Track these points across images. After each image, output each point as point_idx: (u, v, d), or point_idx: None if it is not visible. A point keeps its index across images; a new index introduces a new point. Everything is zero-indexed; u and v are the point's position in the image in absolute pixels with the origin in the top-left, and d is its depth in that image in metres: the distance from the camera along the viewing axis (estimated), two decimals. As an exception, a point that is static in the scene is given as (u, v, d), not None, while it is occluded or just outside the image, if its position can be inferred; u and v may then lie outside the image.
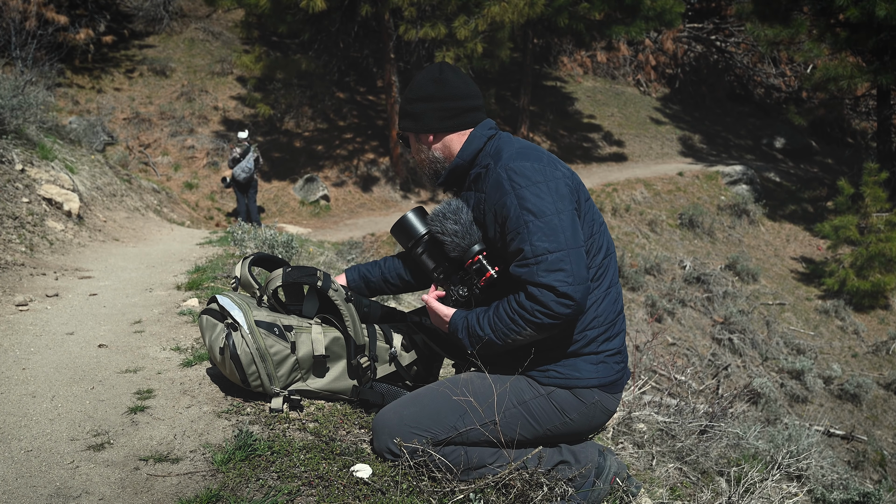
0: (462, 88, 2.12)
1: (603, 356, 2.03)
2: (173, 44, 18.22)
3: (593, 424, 2.09)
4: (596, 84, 22.75)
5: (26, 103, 7.35)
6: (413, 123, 2.17)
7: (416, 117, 2.15)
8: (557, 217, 1.87)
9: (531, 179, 1.90)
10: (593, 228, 2.03)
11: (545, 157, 2.01)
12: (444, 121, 2.12)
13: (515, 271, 1.88)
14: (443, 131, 2.14)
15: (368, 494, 1.86)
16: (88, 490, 1.86)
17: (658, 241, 14.46)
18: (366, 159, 16.08)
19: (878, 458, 9.13)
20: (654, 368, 7.73)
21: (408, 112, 2.17)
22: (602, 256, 2.04)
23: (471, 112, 2.13)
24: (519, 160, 1.95)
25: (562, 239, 1.85)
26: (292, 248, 5.55)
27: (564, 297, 1.81)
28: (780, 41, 16.87)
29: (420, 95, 2.13)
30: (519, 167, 1.93)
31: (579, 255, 1.86)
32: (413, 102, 2.14)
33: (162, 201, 10.89)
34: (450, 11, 13.43)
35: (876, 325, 13.27)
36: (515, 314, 1.88)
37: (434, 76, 2.12)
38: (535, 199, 1.88)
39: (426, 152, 2.19)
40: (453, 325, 2.07)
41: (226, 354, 2.23)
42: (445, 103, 2.11)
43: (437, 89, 2.11)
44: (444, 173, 2.17)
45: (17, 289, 4.14)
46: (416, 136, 2.20)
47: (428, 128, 2.14)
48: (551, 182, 1.91)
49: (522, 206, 1.88)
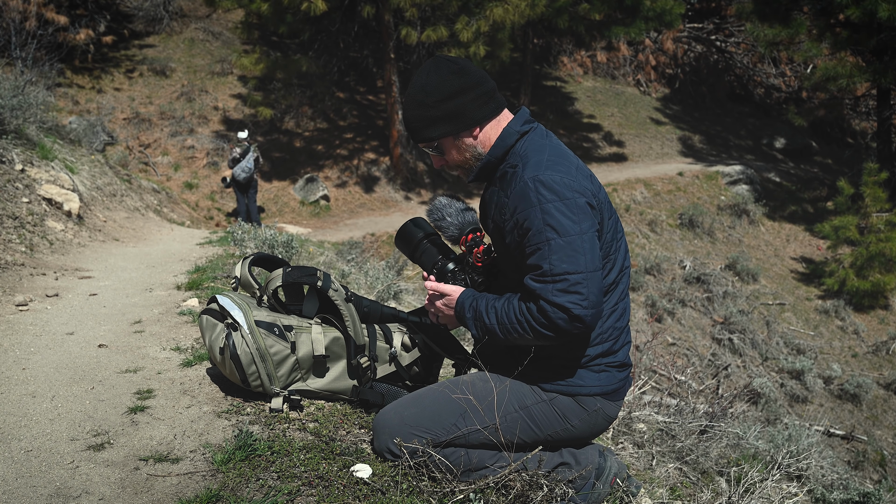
0: (479, 71, 2.03)
1: (605, 365, 2.03)
2: (173, 44, 18.22)
3: (594, 431, 2.09)
4: (596, 84, 22.75)
5: (26, 103, 7.35)
6: (453, 124, 2.00)
7: (455, 116, 1.99)
8: (580, 238, 1.83)
9: (559, 195, 1.84)
10: (612, 247, 1.99)
11: (573, 167, 1.93)
12: (484, 107, 2.01)
13: (530, 284, 1.85)
14: (486, 119, 2.02)
15: (368, 494, 1.86)
16: (88, 490, 1.86)
17: (658, 241, 14.46)
18: (366, 159, 16.08)
19: (878, 458, 9.13)
20: (654, 368, 7.73)
21: (437, 117, 1.99)
22: (616, 273, 2.02)
23: (496, 91, 2.06)
24: (549, 171, 1.87)
25: (581, 262, 1.81)
26: (292, 248, 5.55)
27: (576, 320, 1.80)
28: (779, 41, 16.87)
29: (448, 93, 1.97)
30: (548, 179, 1.86)
31: (596, 279, 1.83)
32: (441, 104, 1.98)
33: (162, 201, 10.90)
34: (451, 13, 13.42)
35: (876, 325, 13.28)
36: (523, 318, 1.87)
37: (450, 69, 1.99)
38: (560, 216, 1.83)
39: (471, 149, 2.04)
40: (460, 303, 2.03)
41: (226, 354, 2.23)
42: (478, 90, 1.99)
43: (464, 80, 1.98)
44: (476, 170, 2.06)
45: (17, 289, 4.14)
46: (454, 137, 2.03)
47: (473, 120, 2.00)
48: (579, 199, 1.85)
49: (546, 221, 1.83)
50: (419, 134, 2.04)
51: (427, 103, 1.98)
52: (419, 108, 2.00)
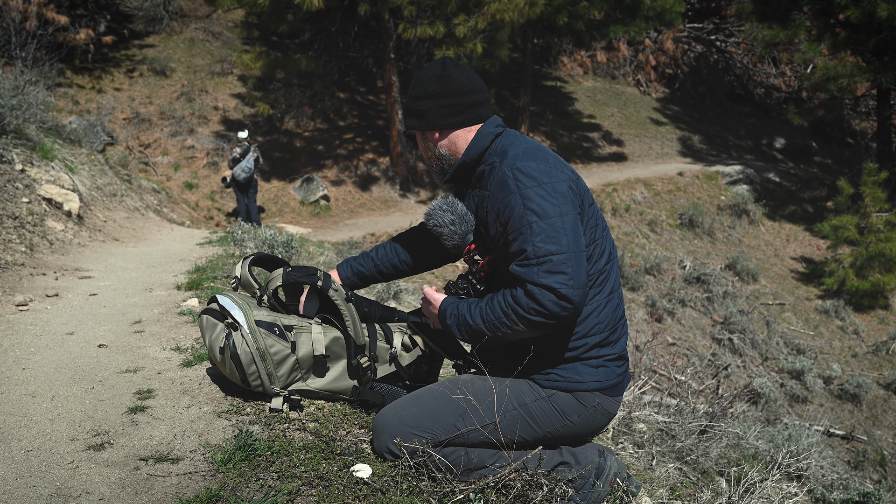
0: (466, 83, 2.09)
1: (603, 360, 2.03)
2: (173, 44, 18.22)
3: (594, 427, 2.09)
4: (596, 84, 22.75)
5: (26, 103, 7.35)
6: (419, 121, 2.14)
7: (422, 115, 2.11)
8: (561, 220, 1.86)
9: (537, 180, 1.89)
10: (595, 233, 2.01)
11: (551, 157, 1.99)
12: (449, 117, 2.10)
13: (515, 270, 1.86)
14: (448, 128, 2.11)
15: (368, 494, 1.86)
16: (88, 490, 1.86)
17: (658, 241, 14.46)
18: (366, 159, 16.08)
19: (878, 458, 9.13)
20: (654, 368, 7.73)
21: (413, 110, 2.14)
22: (604, 262, 2.03)
23: (475, 107, 2.11)
24: (525, 160, 1.94)
25: (564, 242, 1.83)
26: (292, 248, 5.55)
27: (564, 300, 1.80)
28: (778, 42, 16.87)
29: (424, 92, 2.09)
30: (525, 167, 1.91)
31: (580, 260, 1.85)
32: (417, 100, 2.11)
33: (162, 201, 10.90)
34: (449, 11, 13.43)
35: (876, 325, 13.28)
36: (509, 308, 1.86)
37: (437, 72, 2.09)
38: (540, 199, 1.87)
39: (433, 150, 2.16)
40: (442, 310, 2.05)
41: (226, 354, 2.23)
42: (449, 99, 2.08)
43: (441, 86, 2.08)
44: (451, 171, 2.15)
45: (17, 289, 4.14)
46: (422, 133, 2.16)
47: (433, 125, 2.11)
48: (557, 184, 1.90)
49: (526, 206, 1.87)
50: (405, 120, 2.22)
51: (410, 95, 2.14)
52: (407, 98, 2.17)
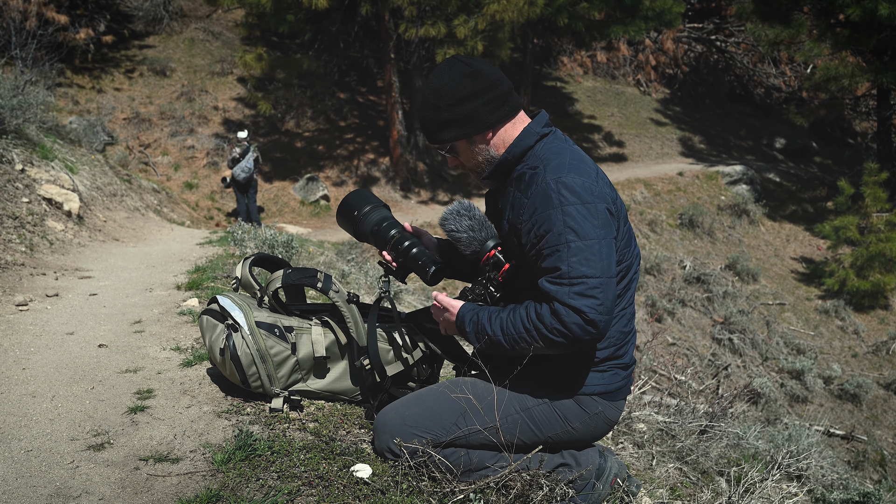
0: (495, 73, 1.98)
1: (608, 365, 2.03)
2: (173, 44, 18.22)
3: (595, 434, 2.08)
4: (596, 84, 22.75)
5: (26, 103, 7.34)
6: (464, 129, 1.97)
7: (466, 120, 1.96)
8: (598, 243, 1.81)
9: (581, 198, 1.83)
10: (626, 253, 1.98)
11: (595, 172, 1.92)
12: (498, 111, 1.97)
13: (546, 287, 1.82)
14: (499, 123, 1.98)
15: (368, 494, 1.86)
16: (88, 490, 1.86)
17: (658, 241, 14.45)
18: (366, 159, 16.08)
19: (878, 458, 9.13)
20: (654, 368, 7.73)
21: (450, 120, 1.96)
22: (627, 280, 2.01)
23: (511, 94, 2.00)
24: (572, 174, 1.86)
25: (599, 266, 1.79)
26: (292, 248, 5.55)
27: (590, 325, 1.77)
28: (780, 41, 16.87)
29: (460, 97, 1.94)
30: (571, 182, 1.84)
31: (611, 286, 1.82)
32: (453, 108, 1.95)
33: (162, 201, 10.90)
34: (450, 11, 13.44)
35: (876, 325, 13.28)
36: (531, 325, 1.83)
37: (464, 71, 1.95)
38: (582, 219, 1.81)
39: (484, 153, 2.01)
40: (461, 316, 2.00)
41: (226, 355, 2.23)
42: (491, 94, 1.96)
43: (477, 83, 1.94)
44: (491, 167, 2.01)
45: (17, 289, 4.14)
46: (468, 140, 1.99)
47: (485, 125, 1.96)
48: (600, 205, 1.85)
49: (567, 223, 1.81)
50: (432, 136, 2.02)
51: (440, 106, 1.96)
52: (432, 111, 1.98)
